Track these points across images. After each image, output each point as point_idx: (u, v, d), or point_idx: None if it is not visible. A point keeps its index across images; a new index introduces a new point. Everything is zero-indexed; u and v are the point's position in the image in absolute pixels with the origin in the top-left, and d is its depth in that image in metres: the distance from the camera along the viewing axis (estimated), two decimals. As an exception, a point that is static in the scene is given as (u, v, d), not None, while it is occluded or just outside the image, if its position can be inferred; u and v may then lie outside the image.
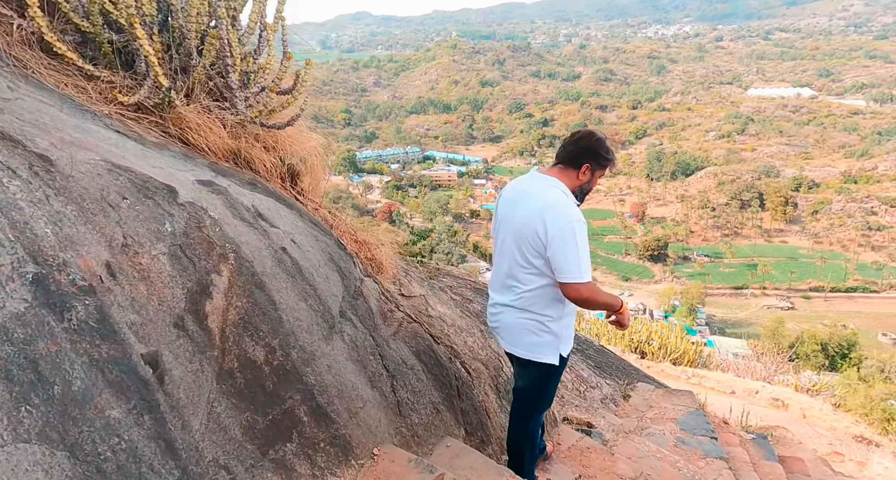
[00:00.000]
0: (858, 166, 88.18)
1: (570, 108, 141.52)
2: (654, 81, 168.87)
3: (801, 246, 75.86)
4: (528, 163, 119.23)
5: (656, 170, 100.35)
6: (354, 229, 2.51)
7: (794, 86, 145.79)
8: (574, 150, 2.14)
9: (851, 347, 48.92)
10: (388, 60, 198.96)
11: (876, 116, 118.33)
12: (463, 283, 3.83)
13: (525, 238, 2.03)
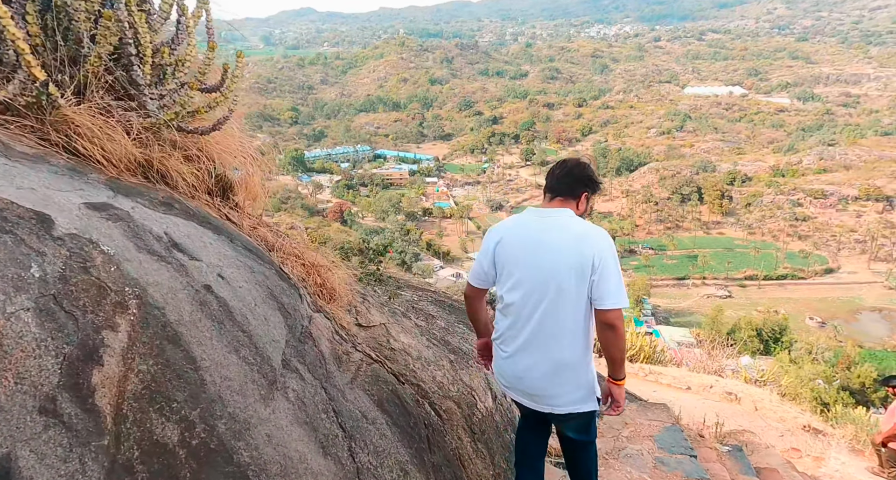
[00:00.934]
0: (785, 160, 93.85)
1: (519, 106, 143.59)
2: (598, 80, 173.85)
3: (736, 238, 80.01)
4: (478, 161, 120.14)
5: (602, 167, 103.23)
6: (301, 249, 2.13)
7: (727, 85, 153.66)
8: (570, 182, 2.10)
9: (783, 331, 52.18)
10: (336, 58, 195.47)
11: (800, 113, 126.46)
12: (423, 296, 3.55)
13: (570, 272, 1.89)
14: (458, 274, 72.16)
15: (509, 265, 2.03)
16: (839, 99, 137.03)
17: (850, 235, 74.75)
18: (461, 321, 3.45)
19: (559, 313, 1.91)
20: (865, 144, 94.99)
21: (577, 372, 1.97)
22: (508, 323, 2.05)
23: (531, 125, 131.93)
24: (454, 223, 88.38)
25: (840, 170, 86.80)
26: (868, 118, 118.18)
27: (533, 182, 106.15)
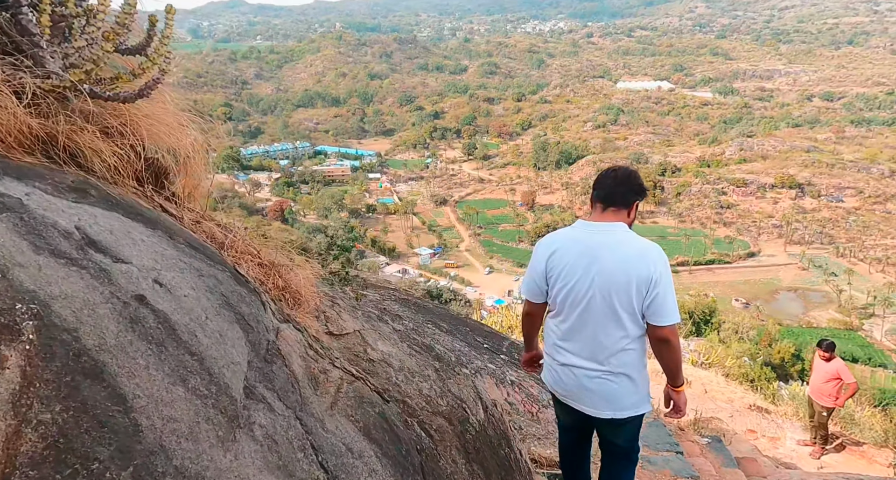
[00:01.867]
0: (710, 152, 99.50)
1: (460, 101, 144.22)
2: (536, 75, 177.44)
3: (668, 226, 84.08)
4: (421, 156, 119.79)
5: (542, 160, 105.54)
6: (258, 246, 1.80)
7: (655, 80, 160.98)
8: (625, 192, 2.14)
9: (712, 313, 55.30)
10: (270, 51, 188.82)
11: (721, 107, 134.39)
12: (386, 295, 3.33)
13: (629, 287, 1.94)
14: (404, 270, 71.80)
15: (564, 278, 2.04)
16: (755, 93, 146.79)
17: (768, 221, 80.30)
18: (429, 321, 3.28)
19: (616, 325, 1.97)
20: (779, 135, 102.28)
21: (633, 378, 2.05)
22: (563, 334, 2.08)
23: (472, 120, 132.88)
24: (399, 219, 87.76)
25: (758, 159, 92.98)
26: (780, 111, 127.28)
27: (475, 176, 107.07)
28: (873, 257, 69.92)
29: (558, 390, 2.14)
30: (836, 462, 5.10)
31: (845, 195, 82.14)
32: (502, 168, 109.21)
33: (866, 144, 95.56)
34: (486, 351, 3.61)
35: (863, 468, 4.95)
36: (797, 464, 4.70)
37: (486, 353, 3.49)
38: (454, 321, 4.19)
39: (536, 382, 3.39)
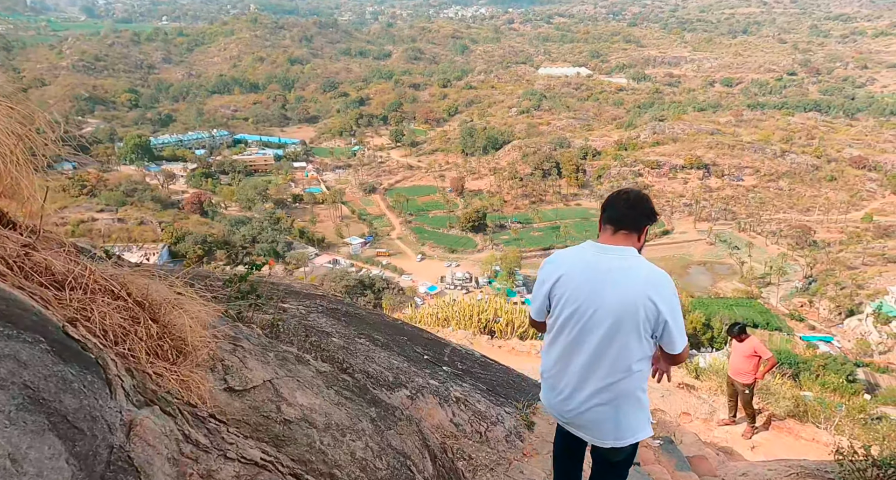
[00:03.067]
0: (627, 135, 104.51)
1: (385, 87, 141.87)
2: (460, 60, 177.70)
3: (591, 208, 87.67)
4: (348, 144, 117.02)
5: (470, 146, 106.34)
6: (125, 278, 1.39)
7: (574, 66, 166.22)
8: (636, 216, 2.10)
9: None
10: (178, 34, 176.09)
11: (635, 93, 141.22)
12: (312, 305, 3.00)
13: (633, 319, 1.92)
14: (334, 260, 70.24)
15: (570, 302, 1.99)
16: (665, 79, 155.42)
17: (679, 200, 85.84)
18: (363, 334, 2.99)
19: (621, 351, 1.93)
20: (687, 119, 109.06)
21: (635, 403, 2.02)
22: (566, 359, 2.03)
23: (398, 106, 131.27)
24: (327, 208, 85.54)
25: (669, 142, 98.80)
26: (687, 96, 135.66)
27: (404, 163, 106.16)
28: (769, 231, 76.73)
29: (559, 416, 2.10)
30: (766, 440, 5.42)
31: (745, 174, 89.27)
32: (430, 154, 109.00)
33: (761, 127, 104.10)
34: (427, 363, 3.36)
35: (790, 445, 5.30)
36: (733, 447, 4.94)
37: (427, 367, 3.23)
38: (390, 330, 3.87)
39: (483, 395, 3.29)
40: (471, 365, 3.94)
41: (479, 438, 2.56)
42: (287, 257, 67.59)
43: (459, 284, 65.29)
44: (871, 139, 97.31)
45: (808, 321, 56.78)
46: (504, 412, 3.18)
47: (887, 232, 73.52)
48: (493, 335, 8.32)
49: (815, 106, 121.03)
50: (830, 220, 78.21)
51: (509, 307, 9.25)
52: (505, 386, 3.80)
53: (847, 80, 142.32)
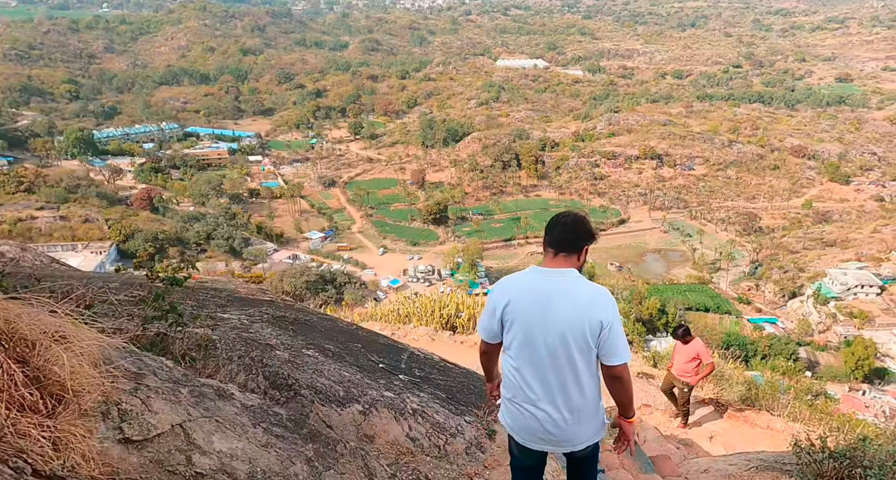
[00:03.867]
0: (583, 127, 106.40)
1: (342, 79, 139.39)
2: (418, 52, 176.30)
3: (550, 198, 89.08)
4: (305, 136, 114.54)
5: (430, 138, 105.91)
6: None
7: (532, 58, 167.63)
8: (574, 239, 2.21)
9: (591, 278, 60.27)
10: (120, 22, 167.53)
11: (591, 84, 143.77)
12: (256, 313, 2.79)
13: (584, 333, 2.06)
14: (294, 256, 68.84)
15: (519, 325, 2.12)
16: (619, 71, 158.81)
17: (635, 190, 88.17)
18: (311, 344, 2.78)
19: (571, 368, 2.08)
20: (641, 110, 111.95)
21: (592, 413, 2.18)
22: (521, 380, 2.15)
23: (357, 98, 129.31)
24: (285, 203, 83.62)
25: (624, 133, 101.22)
26: (640, 88, 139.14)
27: (364, 156, 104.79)
28: (718, 218, 79.87)
29: (520, 435, 2.21)
30: (723, 429, 5.57)
31: (695, 163, 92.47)
32: (390, 147, 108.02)
33: (710, 117, 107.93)
34: (383, 372, 3.17)
35: (746, 433, 5.45)
36: (692, 439, 5.04)
37: (382, 377, 3.05)
38: (344, 337, 3.63)
39: (442, 404, 3.09)
40: (429, 371, 3.77)
41: (437, 453, 2.41)
42: (244, 253, 65.79)
43: (422, 277, 65.17)
44: (810, 129, 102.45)
45: (754, 304, 59.55)
46: (464, 421, 3.05)
47: (825, 217, 77.76)
48: (456, 330, 8.25)
49: (759, 97, 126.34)
50: (774, 207, 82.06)
51: (471, 301, 9.20)
52: (466, 391, 3.68)
53: (787, 73, 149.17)
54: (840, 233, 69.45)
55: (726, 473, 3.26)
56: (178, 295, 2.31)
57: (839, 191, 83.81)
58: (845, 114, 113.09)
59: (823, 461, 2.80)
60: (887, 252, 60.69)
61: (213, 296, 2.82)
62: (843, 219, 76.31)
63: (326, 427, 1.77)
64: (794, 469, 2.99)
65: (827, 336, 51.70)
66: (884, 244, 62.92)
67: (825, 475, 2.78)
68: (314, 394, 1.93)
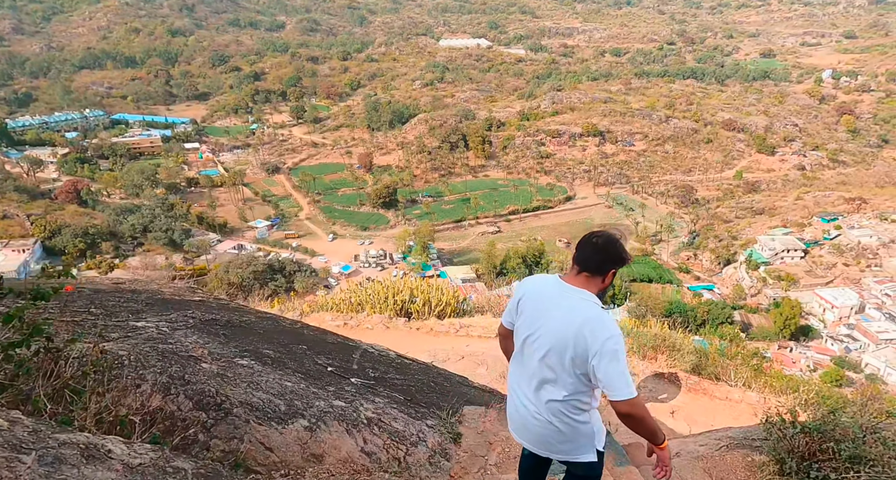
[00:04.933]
0: (528, 105, 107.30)
1: (281, 61, 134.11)
2: (359, 32, 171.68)
3: (498, 178, 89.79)
4: (245, 122, 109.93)
5: (375, 120, 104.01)
6: None
7: (474, 37, 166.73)
8: (601, 260, 2.17)
9: (541, 255, 61.51)
10: (30, 0, 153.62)
11: (534, 63, 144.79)
12: (181, 317, 2.39)
13: (565, 354, 2.07)
14: (239, 245, 66.39)
15: (525, 324, 2.23)
16: (560, 49, 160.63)
17: (579, 167, 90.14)
18: (247, 351, 2.45)
19: (552, 379, 2.12)
20: (582, 88, 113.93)
21: (567, 428, 2.15)
22: (519, 374, 2.25)
23: (297, 81, 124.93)
24: (227, 191, 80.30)
25: (567, 111, 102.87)
26: (581, 66, 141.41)
27: (308, 140, 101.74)
28: (658, 192, 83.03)
29: (510, 424, 2.28)
30: (683, 403, 5.67)
31: (635, 139, 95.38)
32: (335, 130, 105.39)
33: (647, 94, 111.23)
34: (332, 377, 2.84)
35: (707, 406, 5.57)
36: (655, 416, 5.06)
37: (331, 383, 2.72)
38: (286, 338, 3.26)
39: (400, 409, 2.82)
40: (385, 370, 3.48)
41: (397, 466, 2.16)
42: (186, 245, 62.86)
43: (374, 262, 64.51)
44: (739, 103, 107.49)
45: (693, 272, 62.62)
46: (426, 426, 2.80)
47: (754, 187, 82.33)
48: (411, 316, 8.03)
49: (692, 73, 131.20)
50: (709, 179, 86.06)
51: (425, 286, 8.99)
52: (426, 390, 3.42)
53: (717, 49, 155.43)
54: (768, 202, 73.76)
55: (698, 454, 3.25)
56: (84, 301, 1.94)
57: (766, 162, 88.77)
58: (769, 88, 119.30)
59: (794, 436, 2.81)
60: (809, 217, 65.03)
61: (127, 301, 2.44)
62: (770, 188, 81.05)
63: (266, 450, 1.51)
64: (765, 446, 3.00)
65: (758, 299, 55.14)
66: (806, 210, 67.34)
67: (796, 450, 2.78)
68: (249, 412, 1.65)
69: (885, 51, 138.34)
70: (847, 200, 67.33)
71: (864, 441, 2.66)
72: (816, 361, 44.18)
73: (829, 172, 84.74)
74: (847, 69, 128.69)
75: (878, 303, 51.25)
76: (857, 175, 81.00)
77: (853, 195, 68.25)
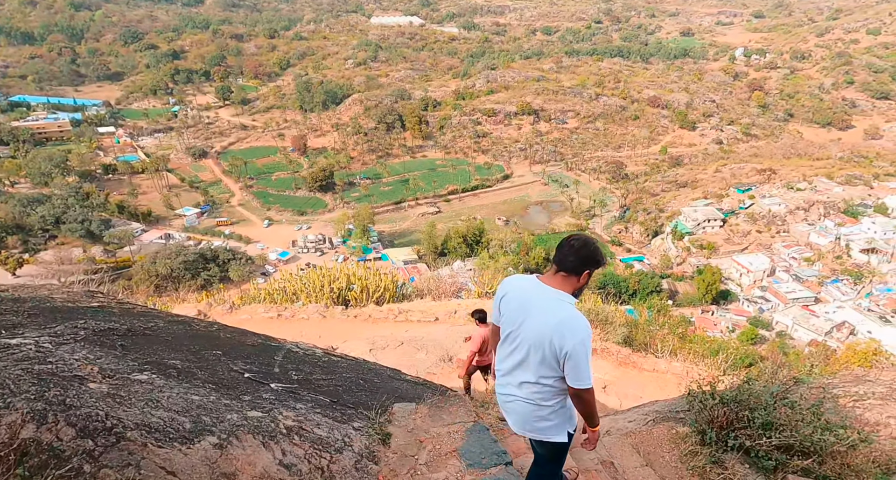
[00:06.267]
0: (463, 85, 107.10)
1: (202, 38, 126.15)
2: (285, 9, 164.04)
3: (437, 158, 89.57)
4: (165, 104, 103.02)
5: (308, 101, 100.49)
6: None
7: (406, 15, 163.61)
8: (577, 261, 2.36)
9: (481, 234, 62.35)
10: None
11: (467, 42, 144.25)
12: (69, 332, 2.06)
13: (542, 350, 2.32)
14: (167, 235, 62.83)
15: (507, 319, 2.48)
16: (492, 28, 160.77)
17: (515, 145, 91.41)
18: (148, 363, 2.19)
19: (530, 370, 2.39)
20: (516, 67, 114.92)
21: (545, 409, 2.44)
22: (500, 359, 2.54)
23: (221, 59, 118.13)
24: (149, 178, 75.43)
25: (502, 90, 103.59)
26: (513, 44, 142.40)
27: (237, 123, 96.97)
28: (591, 168, 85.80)
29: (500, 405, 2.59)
30: (615, 377, 5.88)
31: (567, 117, 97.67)
32: (266, 112, 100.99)
33: (578, 72, 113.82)
34: (249, 385, 2.64)
35: (636, 378, 5.80)
36: None
37: (247, 391, 2.53)
38: (199, 344, 2.99)
39: (325, 413, 2.66)
40: (310, 370, 3.32)
41: (320, 477, 2.05)
42: (106, 237, 58.73)
43: (313, 247, 63.06)
44: (662, 80, 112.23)
45: (625, 245, 65.59)
46: (352, 429, 2.67)
47: (677, 161, 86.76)
48: (349, 304, 7.85)
49: (619, 52, 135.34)
50: (637, 155, 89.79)
51: (362, 272, 8.80)
52: (354, 389, 3.30)
53: (641, 28, 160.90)
54: (690, 175, 78.02)
55: (626, 431, 3.36)
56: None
57: (688, 137, 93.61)
58: (689, 66, 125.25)
59: (713, 407, 2.95)
60: (726, 189, 69.44)
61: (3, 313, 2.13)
62: (692, 161, 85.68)
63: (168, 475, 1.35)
64: (688, 418, 3.14)
65: (683, 267, 58.65)
66: (724, 182, 71.82)
67: (716, 420, 2.93)
68: (147, 434, 1.46)
69: (788, 30, 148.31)
70: (759, 171, 72.37)
71: (774, 408, 2.83)
72: (735, 322, 47.80)
73: (743, 145, 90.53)
74: (757, 47, 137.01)
75: (787, 266, 55.89)
76: (767, 147, 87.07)
77: (764, 166, 73.42)
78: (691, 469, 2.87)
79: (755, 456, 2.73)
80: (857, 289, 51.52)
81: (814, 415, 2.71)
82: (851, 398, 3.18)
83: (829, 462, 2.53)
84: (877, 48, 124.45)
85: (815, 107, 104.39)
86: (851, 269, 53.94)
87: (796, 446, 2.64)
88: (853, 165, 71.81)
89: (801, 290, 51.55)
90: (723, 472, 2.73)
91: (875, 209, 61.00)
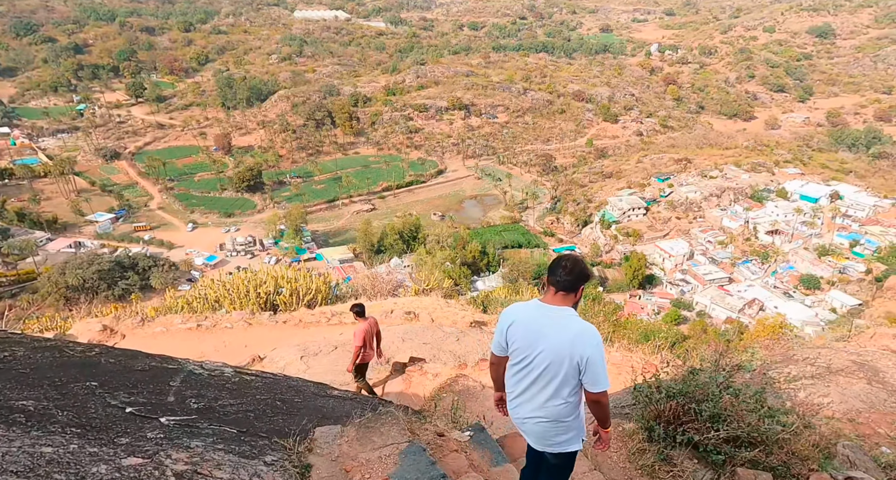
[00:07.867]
0: (393, 80, 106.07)
1: (108, 31, 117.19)
2: (201, 1, 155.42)
3: (369, 155, 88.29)
4: (68, 102, 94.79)
5: (230, 98, 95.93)
6: None
7: (331, 9, 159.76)
8: (572, 281, 2.62)
9: (417, 229, 62.15)
10: None
11: (395, 37, 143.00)
12: None
13: (563, 363, 2.54)
14: (77, 243, 57.97)
15: (520, 347, 2.65)
16: (420, 23, 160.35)
17: (448, 140, 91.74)
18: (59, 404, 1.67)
19: (553, 388, 2.58)
20: (445, 62, 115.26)
21: (565, 424, 2.66)
22: (514, 384, 2.71)
23: (131, 54, 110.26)
24: (53, 182, 69.26)
25: (432, 85, 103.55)
26: (441, 40, 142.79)
27: (152, 121, 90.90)
28: (522, 161, 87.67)
29: (514, 422, 2.76)
30: None
31: (497, 112, 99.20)
32: (184, 110, 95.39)
33: (506, 67, 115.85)
34: (131, 421, 2.19)
35: None
36: None
37: (126, 431, 2.06)
38: (67, 375, 2.47)
39: (228, 448, 2.27)
40: (215, 396, 2.85)
41: None
42: (4, 247, 53.31)
43: (242, 249, 60.40)
44: (585, 75, 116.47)
45: (557, 235, 67.61)
46: (263, 465, 2.27)
47: (602, 153, 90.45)
48: (277, 309, 7.36)
49: (544, 47, 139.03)
50: (565, 147, 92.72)
51: (292, 274, 8.30)
52: (269, 413, 2.89)
53: (563, 24, 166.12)
54: (614, 166, 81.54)
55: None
56: None
57: (611, 130, 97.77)
58: (609, 61, 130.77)
59: (660, 401, 2.89)
60: (648, 178, 73.17)
61: None
62: (616, 153, 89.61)
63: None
64: (634, 413, 3.06)
65: (612, 255, 61.26)
66: (645, 172, 75.63)
67: (663, 415, 2.86)
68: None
69: (696, 27, 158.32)
70: (676, 161, 76.79)
71: (720, 398, 2.81)
72: (660, 305, 50.53)
73: (661, 137, 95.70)
74: (669, 43, 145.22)
75: (703, 250, 59.76)
76: (682, 138, 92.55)
77: (681, 156, 77.97)
78: (640, 468, 2.81)
79: (704, 451, 2.71)
80: (765, 268, 55.94)
81: (757, 402, 2.72)
82: (786, 380, 3.24)
83: (776, 451, 2.53)
84: (772, 45, 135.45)
85: (722, 99, 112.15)
86: (759, 250, 58.45)
87: (743, 437, 2.63)
88: (757, 153, 77.71)
89: (717, 272, 55.29)
90: (672, 469, 2.68)
91: (777, 193, 66.42)
